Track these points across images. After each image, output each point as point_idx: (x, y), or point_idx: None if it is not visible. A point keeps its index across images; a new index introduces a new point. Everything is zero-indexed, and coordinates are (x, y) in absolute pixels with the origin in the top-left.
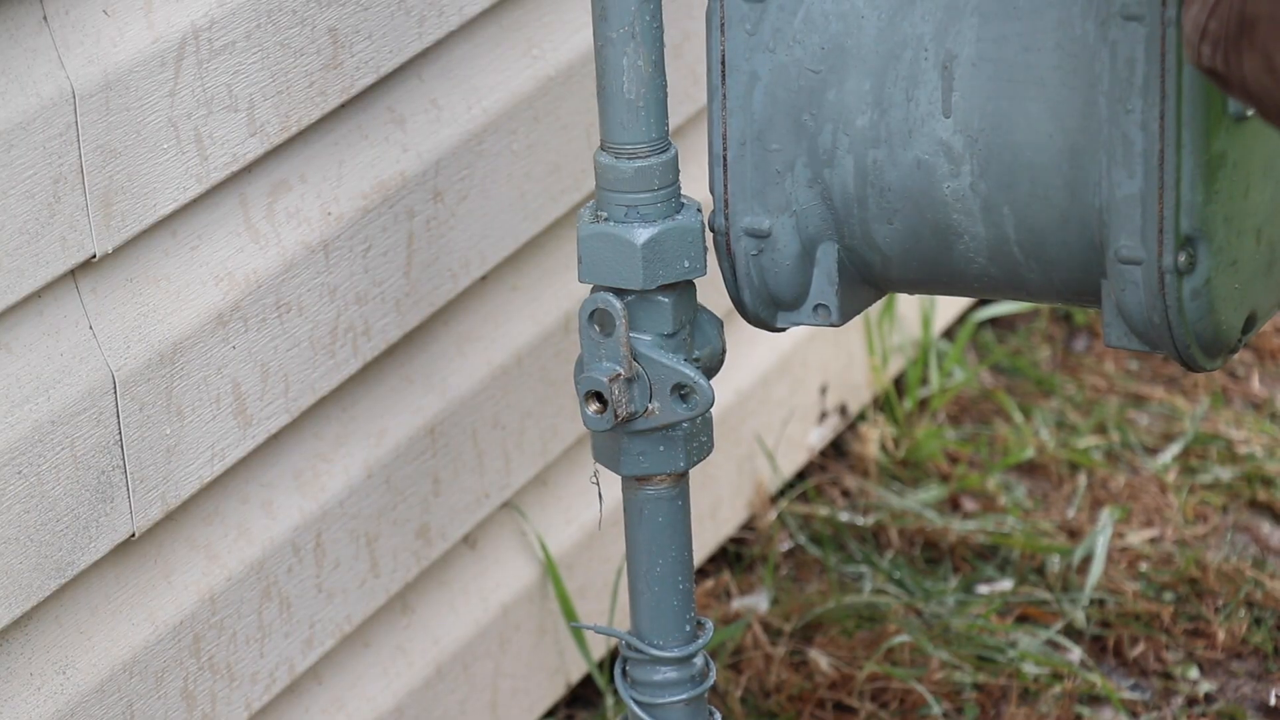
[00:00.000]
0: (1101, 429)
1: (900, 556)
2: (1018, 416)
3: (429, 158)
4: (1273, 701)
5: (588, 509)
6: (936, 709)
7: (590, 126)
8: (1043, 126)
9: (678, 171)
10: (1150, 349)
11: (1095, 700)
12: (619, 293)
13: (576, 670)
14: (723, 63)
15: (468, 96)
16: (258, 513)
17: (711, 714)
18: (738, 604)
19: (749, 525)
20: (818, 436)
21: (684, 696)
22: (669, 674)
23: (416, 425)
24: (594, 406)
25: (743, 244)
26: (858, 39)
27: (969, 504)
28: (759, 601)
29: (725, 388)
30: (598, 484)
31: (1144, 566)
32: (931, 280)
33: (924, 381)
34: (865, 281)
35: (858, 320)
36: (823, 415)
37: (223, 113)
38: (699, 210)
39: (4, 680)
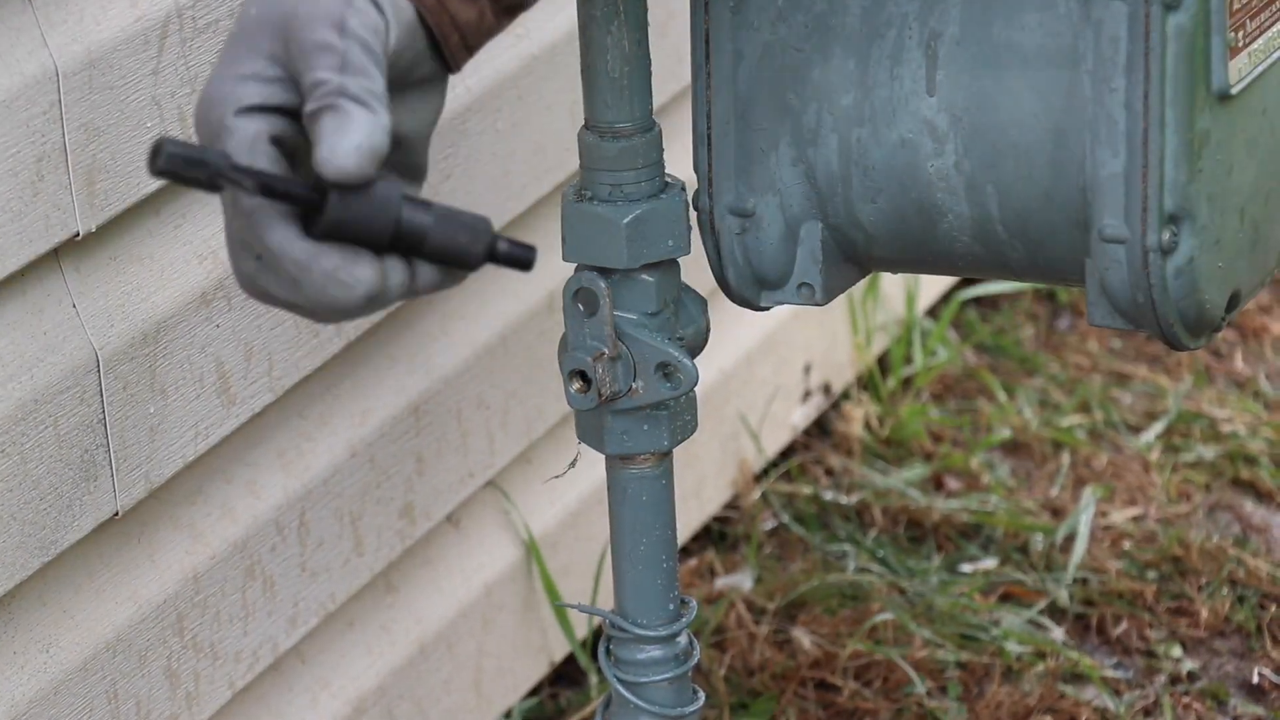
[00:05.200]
0: (1085, 408)
1: (884, 535)
2: (1001, 395)
3: None
4: (1255, 680)
5: (572, 488)
6: (920, 687)
7: (574, 105)
8: (1027, 105)
9: (662, 150)
10: (1134, 328)
11: (1078, 679)
12: (603, 272)
13: (560, 649)
14: (707, 41)
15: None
16: (241, 492)
17: (695, 693)
18: (721, 583)
19: (733, 504)
20: (802, 415)
21: (668, 675)
22: (653, 653)
23: (400, 404)
24: (578, 385)
25: (727, 223)
26: (842, 17)
27: (952, 483)
28: (743, 580)
29: (709, 367)
30: (574, 463)
31: (1127, 545)
32: (916, 259)
33: (908, 360)
34: (849, 260)
35: (841, 299)
36: (807, 394)
37: None
38: (683, 189)
39: None
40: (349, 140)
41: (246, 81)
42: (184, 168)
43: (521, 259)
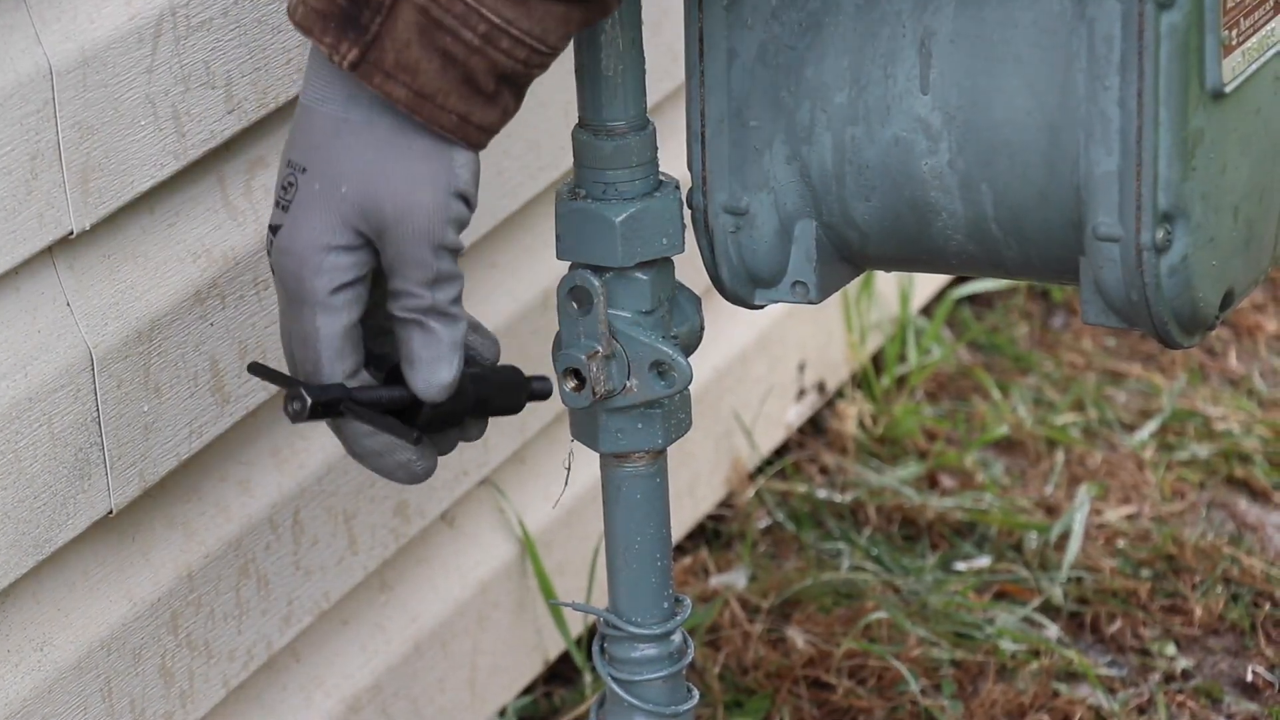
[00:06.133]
0: (1079, 406)
1: (878, 533)
2: (995, 393)
3: None
4: (1249, 678)
5: (566, 487)
6: (914, 686)
7: (568, 104)
8: (1021, 104)
9: (656, 149)
10: (1128, 326)
11: (1072, 677)
12: (597, 270)
13: (554, 648)
14: (700, 39)
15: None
16: (235, 490)
17: (689, 691)
18: (716, 581)
19: (727, 503)
20: (796, 414)
21: (662, 674)
22: (647, 651)
23: None
24: (572, 384)
25: (720, 221)
26: (835, 15)
27: (947, 481)
28: (737, 579)
29: (703, 365)
30: (569, 468)
31: (1121, 543)
32: (910, 258)
33: (902, 358)
34: (844, 259)
35: (836, 297)
36: (801, 392)
37: (200, 89)
38: (677, 188)
39: None
40: (440, 377)
41: (337, 253)
42: (324, 411)
43: (544, 393)
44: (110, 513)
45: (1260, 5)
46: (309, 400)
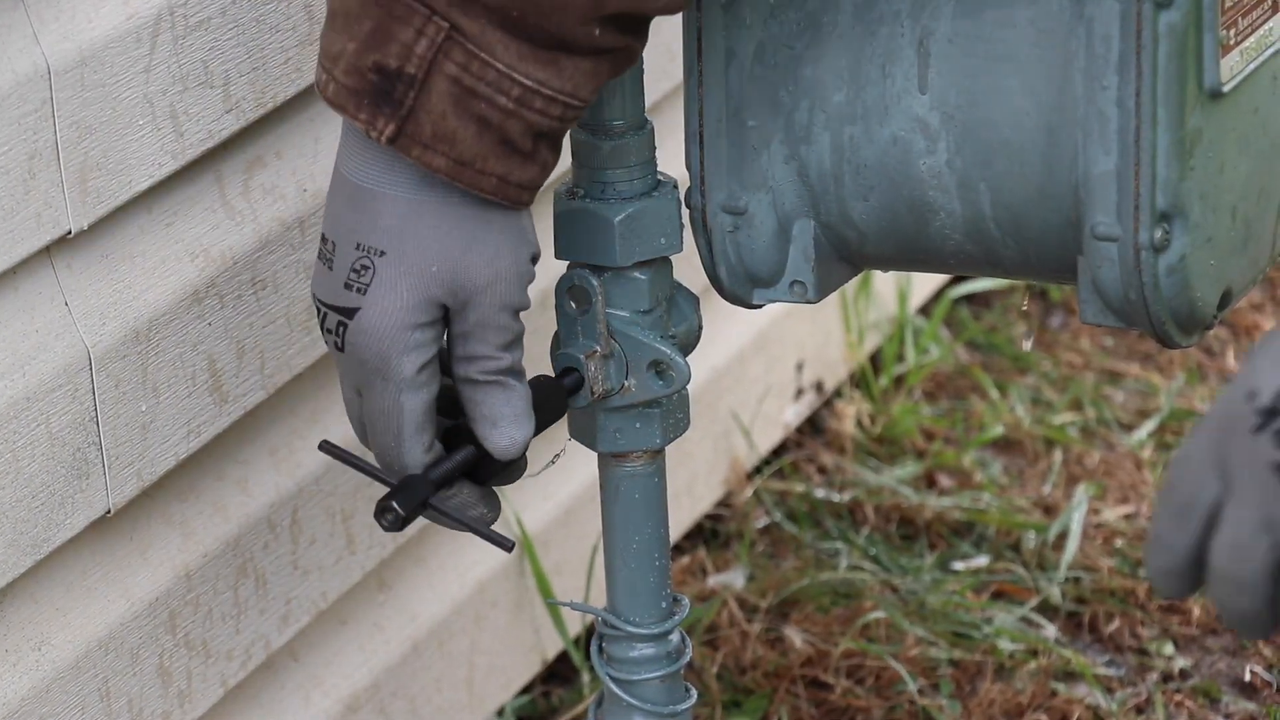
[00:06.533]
0: (1077, 405)
1: (876, 533)
2: (994, 393)
3: None
4: (1248, 677)
5: (564, 486)
6: (912, 685)
7: None
8: (1019, 103)
9: (654, 148)
10: (1126, 325)
11: (1070, 676)
12: (595, 269)
13: (553, 647)
14: (699, 39)
15: None
16: (233, 489)
17: (687, 690)
18: (714, 581)
19: (725, 502)
20: (794, 413)
21: (660, 673)
22: (645, 650)
23: None
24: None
25: (719, 220)
26: (834, 15)
27: (945, 480)
28: (735, 578)
29: (702, 365)
30: (556, 460)
31: (1119, 543)
32: (908, 257)
33: (900, 358)
34: (842, 258)
35: (834, 297)
36: (799, 392)
37: (198, 89)
38: (675, 187)
39: None
40: (524, 433)
41: (421, 330)
42: (414, 515)
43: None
44: (108, 512)
45: (1258, 4)
46: (401, 513)
